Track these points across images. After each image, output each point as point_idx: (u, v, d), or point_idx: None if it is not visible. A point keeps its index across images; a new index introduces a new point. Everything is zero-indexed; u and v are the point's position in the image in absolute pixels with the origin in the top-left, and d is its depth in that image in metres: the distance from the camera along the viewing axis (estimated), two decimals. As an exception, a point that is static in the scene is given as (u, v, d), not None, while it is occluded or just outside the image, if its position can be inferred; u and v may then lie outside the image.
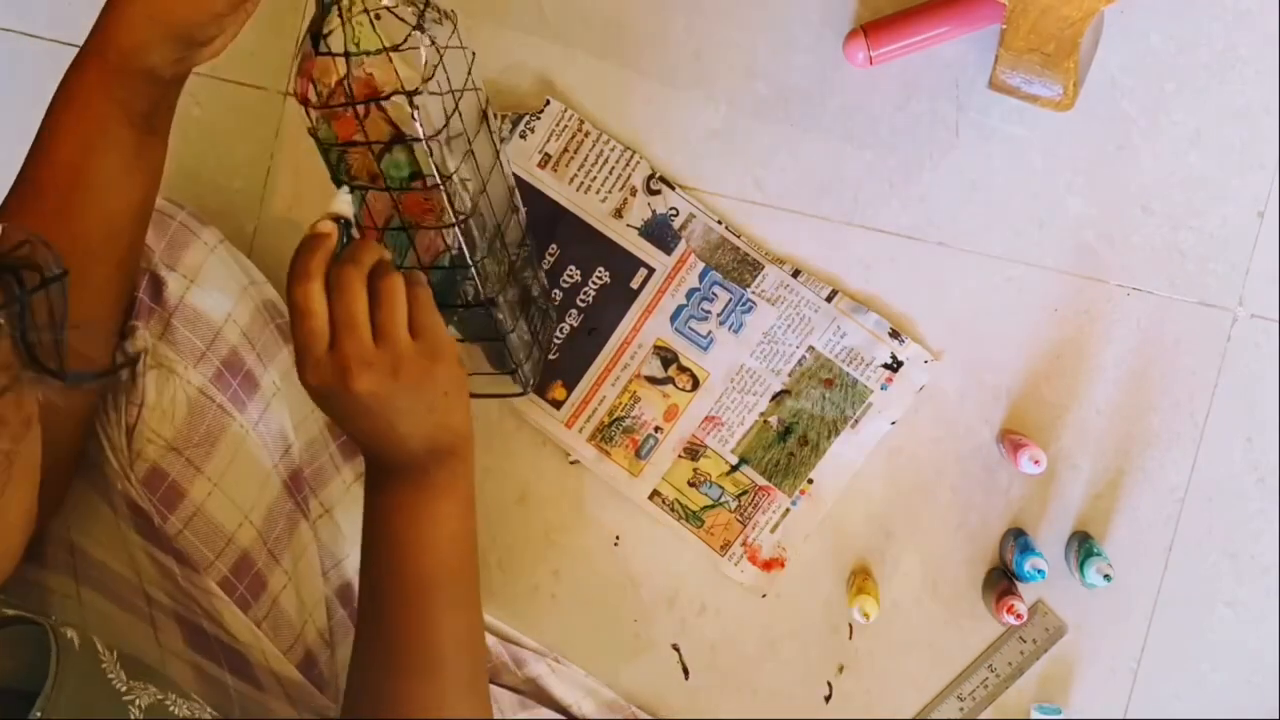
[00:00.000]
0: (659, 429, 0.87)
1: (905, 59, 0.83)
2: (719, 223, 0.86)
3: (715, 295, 0.86)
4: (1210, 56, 0.83)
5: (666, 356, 0.87)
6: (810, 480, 0.86)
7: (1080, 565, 0.81)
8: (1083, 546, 0.82)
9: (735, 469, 0.87)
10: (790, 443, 0.86)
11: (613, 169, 0.86)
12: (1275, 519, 0.84)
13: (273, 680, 0.71)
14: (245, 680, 0.71)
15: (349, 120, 0.63)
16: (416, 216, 0.68)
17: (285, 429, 0.72)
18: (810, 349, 0.86)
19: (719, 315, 0.86)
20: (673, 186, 0.86)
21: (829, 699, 0.88)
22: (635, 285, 0.87)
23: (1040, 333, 0.85)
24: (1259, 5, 0.82)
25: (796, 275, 0.86)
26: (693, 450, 0.87)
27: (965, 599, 0.86)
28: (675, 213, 0.86)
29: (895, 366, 0.85)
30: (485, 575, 0.70)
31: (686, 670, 0.89)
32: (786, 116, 0.86)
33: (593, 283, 0.87)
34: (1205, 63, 0.83)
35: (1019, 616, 0.79)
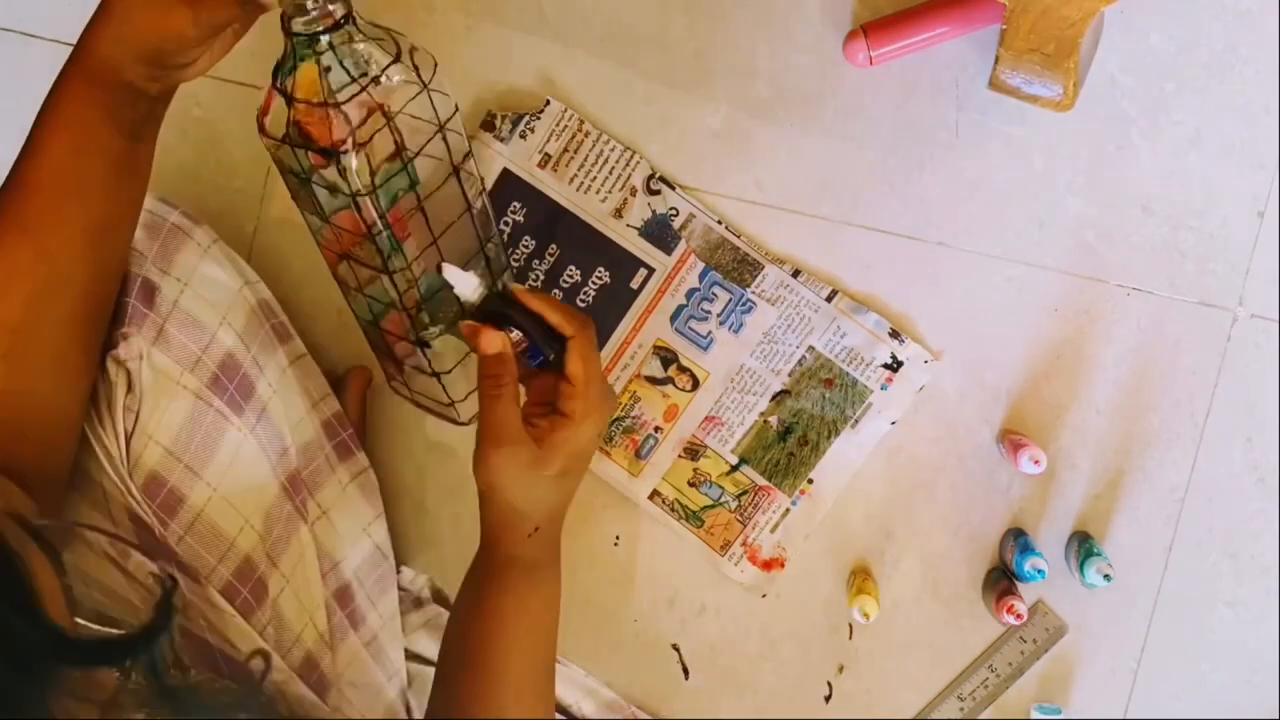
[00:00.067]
0: (659, 429, 0.87)
1: (905, 59, 0.83)
2: (719, 223, 0.86)
3: (715, 295, 0.86)
4: (1210, 56, 0.83)
5: (666, 356, 0.87)
6: (810, 480, 0.86)
7: (1080, 565, 0.81)
8: (1083, 546, 0.82)
9: (735, 469, 0.87)
10: (790, 443, 0.86)
11: (613, 169, 0.86)
12: (1275, 519, 0.84)
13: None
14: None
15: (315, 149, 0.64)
16: (348, 248, 0.70)
17: (282, 431, 0.72)
18: (810, 349, 0.86)
19: (719, 315, 0.86)
20: (673, 186, 0.86)
21: (829, 699, 0.88)
22: (635, 285, 0.87)
23: (1040, 333, 0.85)
24: (1259, 5, 0.82)
25: (796, 275, 0.86)
26: (693, 450, 0.87)
27: (965, 599, 0.86)
28: (675, 213, 0.86)
29: (895, 366, 0.85)
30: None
31: (686, 670, 0.89)
32: (786, 116, 0.86)
33: (592, 283, 0.87)
34: (1205, 63, 0.83)
35: (1019, 616, 0.79)
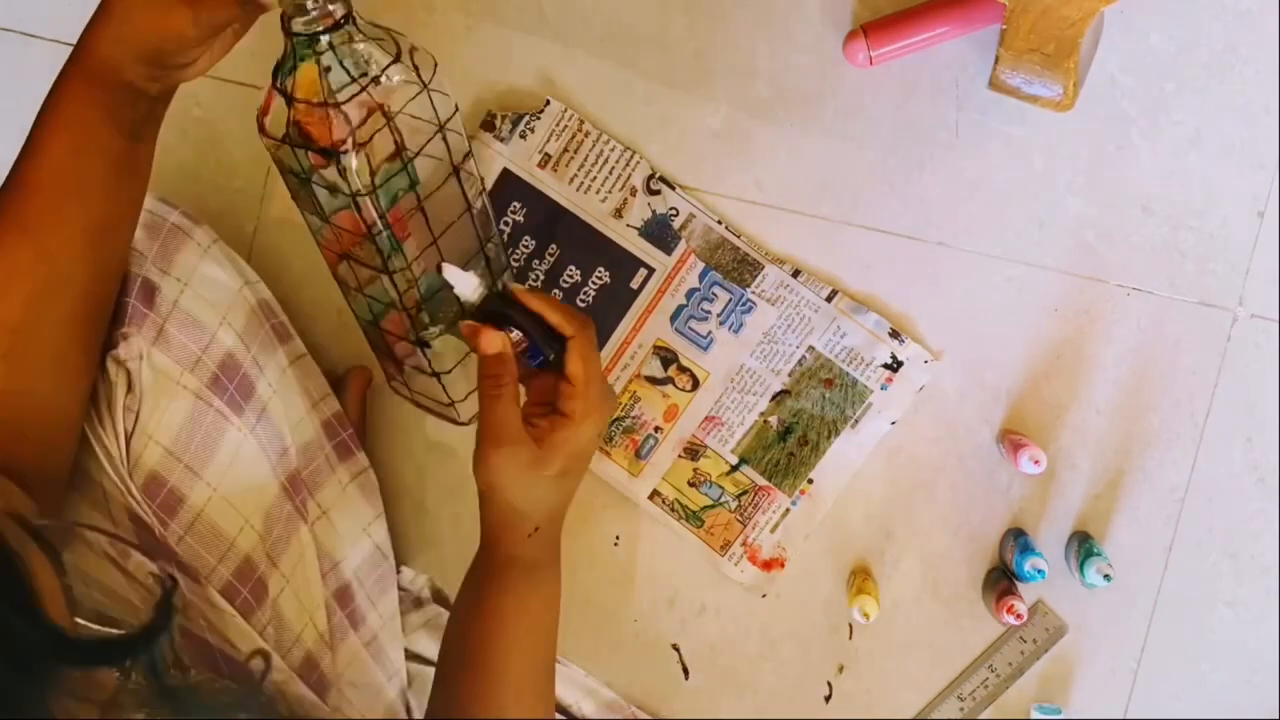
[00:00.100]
0: (659, 429, 0.87)
1: (905, 59, 0.83)
2: (719, 223, 0.86)
3: (715, 295, 0.86)
4: (1210, 56, 0.83)
5: (666, 356, 0.87)
6: (810, 480, 0.86)
7: (1080, 565, 0.81)
8: (1083, 546, 0.82)
9: (735, 469, 0.87)
10: (790, 443, 0.86)
11: (613, 169, 0.86)
12: (1275, 519, 0.84)
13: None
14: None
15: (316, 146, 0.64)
16: (348, 248, 0.70)
17: (282, 431, 0.72)
18: (810, 349, 0.86)
19: (719, 315, 0.86)
20: (673, 186, 0.86)
21: (829, 699, 0.88)
22: (635, 285, 0.87)
23: (1040, 333, 0.85)
24: (1259, 5, 0.82)
25: (796, 275, 0.86)
26: (693, 450, 0.87)
27: (965, 599, 0.86)
28: (675, 213, 0.86)
29: (895, 366, 0.85)
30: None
31: (686, 670, 0.89)
32: (786, 116, 0.86)
33: (593, 283, 0.87)
34: (1205, 63, 0.83)
35: (1019, 616, 0.79)
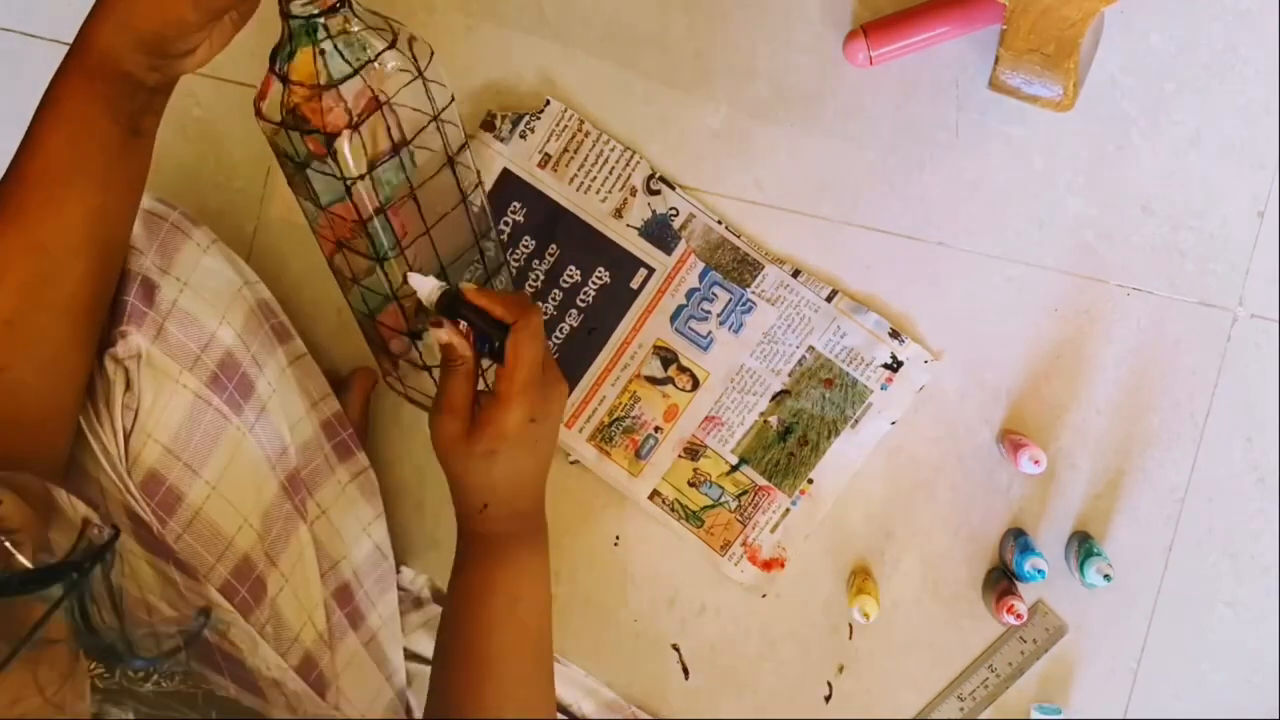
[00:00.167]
0: (659, 429, 0.87)
1: (905, 59, 0.83)
2: (719, 223, 0.86)
3: (715, 295, 0.86)
4: (1210, 56, 0.83)
5: (666, 356, 0.87)
6: (810, 480, 0.86)
7: (1080, 565, 0.81)
8: (1083, 546, 0.82)
9: (735, 469, 0.87)
10: (790, 443, 0.86)
11: (613, 169, 0.86)
12: (1275, 519, 0.84)
13: (274, 689, 0.71)
14: (246, 689, 0.71)
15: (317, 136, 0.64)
16: (344, 235, 0.70)
17: (281, 431, 0.72)
18: (810, 349, 0.86)
19: (719, 315, 0.86)
20: (673, 186, 0.86)
21: (829, 699, 0.88)
22: (635, 285, 0.87)
23: (1040, 333, 0.85)
24: (1259, 5, 0.82)
25: (796, 275, 0.86)
26: (693, 450, 0.87)
27: (965, 599, 0.86)
28: (675, 213, 0.86)
29: (895, 366, 0.85)
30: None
31: (686, 670, 0.89)
32: (786, 116, 0.86)
33: (592, 283, 0.87)
34: (1205, 63, 0.83)
35: (1019, 616, 0.79)
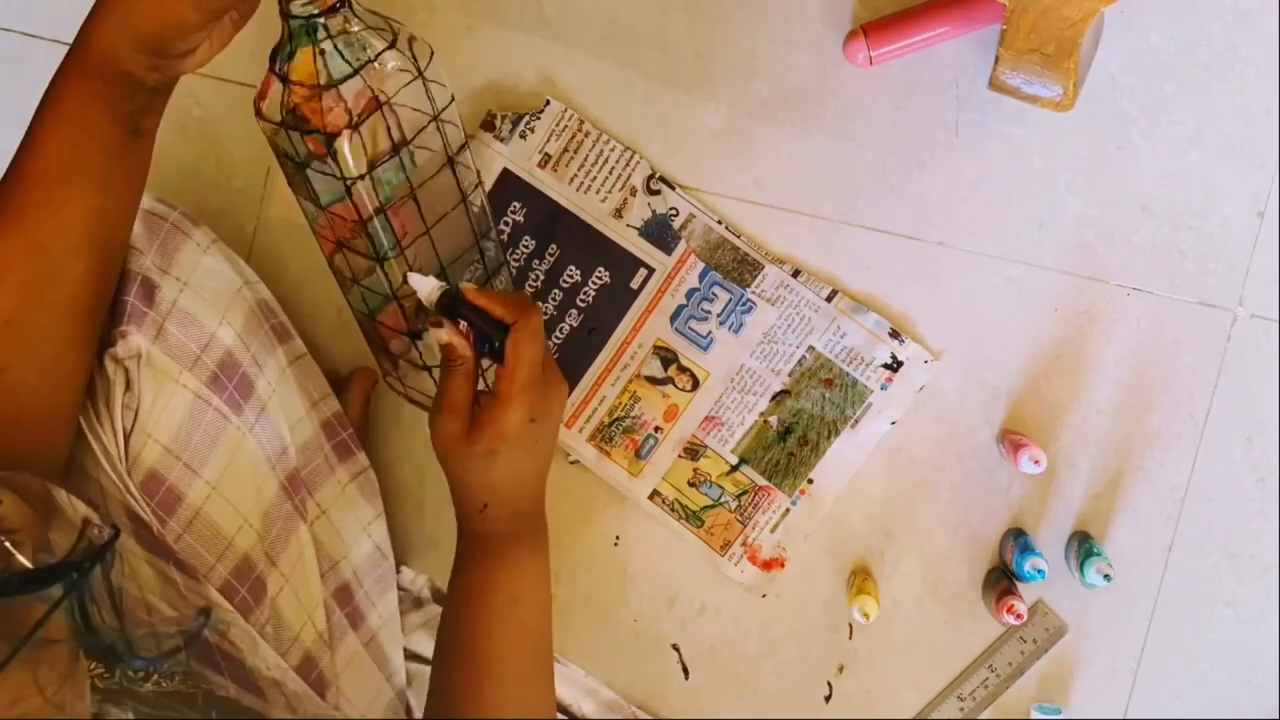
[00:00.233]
0: (659, 429, 0.87)
1: (905, 59, 0.83)
2: (719, 223, 0.86)
3: (715, 295, 0.86)
4: (1210, 56, 0.83)
5: (666, 356, 0.87)
6: (810, 480, 0.86)
7: (1080, 565, 0.81)
8: (1083, 546, 0.82)
9: (735, 469, 0.87)
10: (790, 443, 0.86)
11: (613, 169, 0.86)
12: (1275, 519, 0.84)
13: (274, 689, 0.71)
14: (246, 689, 0.71)
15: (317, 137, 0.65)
16: (344, 235, 0.70)
17: (281, 431, 0.72)
18: (810, 349, 0.86)
19: (719, 315, 0.86)
20: (673, 186, 0.86)
21: (829, 699, 0.88)
22: (635, 285, 0.87)
23: (1040, 333, 0.85)
24: (1259, 5, 0.82)
25: (796, 275, 0.86)
26: (693, 450, 0.87)
27: (965, 599, 0.86)
28: (675, 213, 0.86)
29: (895, 366, 0.85)
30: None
31: (686, 670, 0.89)
32: (786, 116, 0.86)
33: (592, 283, 0.87)
34: (1205, 63, 0.83)
35: (1019, 616, 0.79)
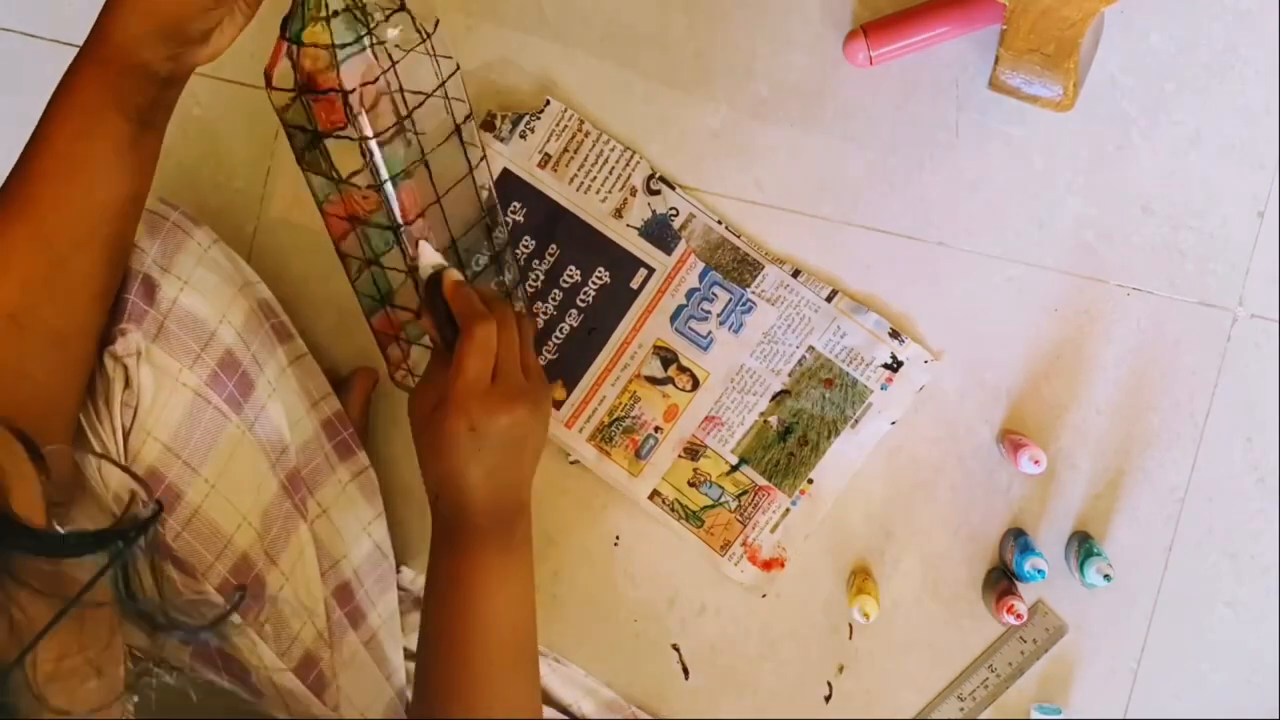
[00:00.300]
0: (659, 429, 0.87)
1: (905, 59, 0.83)
2: (719, 223, 0.86)
3: (715, 295, 0.86)
4: (1210, 56, 0.83)
5: (666, 356, 0.87)
6: (810, 480, 0.86)
7: (1080, 565, 0.81)
8: (1083, 546, 0.82)
9: (735, 469, 0.87)
10: (790, 443, 0.86)
11: (613, 169, 0.86)
12: (1275, 519, 0.84)
13: (271, 689, 0.71)
14: (244, 688, 0.71)
15: (329, 107, 0.65)
16: (359, 210, 0.71)
17: (281, 430, 0.72)
18: (810, 349, 0.86)
19: (719, 315, 0.86)
20: (673, 186, 0.86)
21: (829, 699, 0.88)
22: (635, 285, 0.87)
23: (1040, 333, 0.85)
24: (1259, 5, 0.82)
25: (796, 275, 0.86)
26: (693, 450, 0.87)
27: (965, 599, 0.86)
28: (675, 213, 0.86)
29: (895, 366, 0.85)
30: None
31: (686, 670, 0.89)
32: (786, 116, 0.86)
33: (592, 283, 0.87)
34: (1205, 63, 0.83)
35: (1019, 616, 0.79)
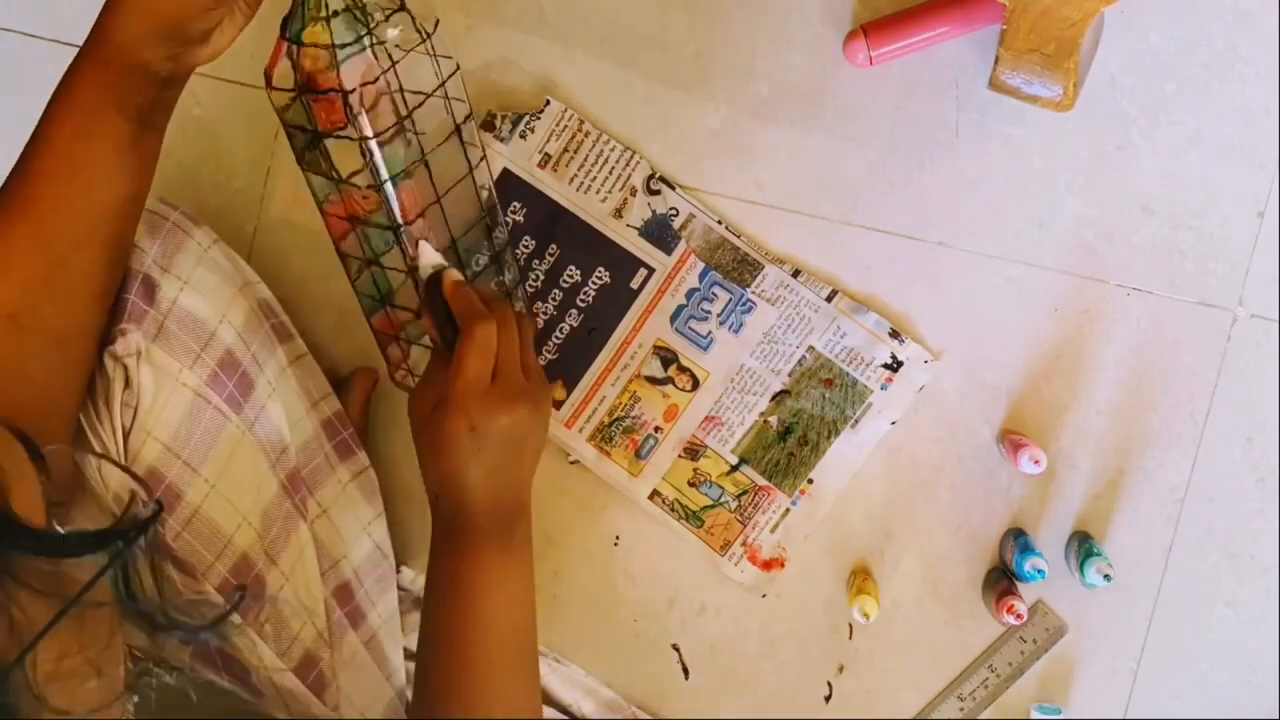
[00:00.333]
0: (659, 429, 0.87)
1: (905, 59, 0.83)
2: (719, 223, 0.86)
3: (715, 295, 0.86)
4: (1210, 56, 0.83)
5: (666, 356, 0.87)
6: (810, 480, 0.86)
7: (1080, 565, 0.81)
8: (1083, 546, 0.82)
9: (735, 469, 0.87)
10: (790, 443, 0.86)
11: (613, 169, 0.86)
12: (1275, 519, 0.84)
13: (271, 689, 0.71)
14: (244, 688, 0.71)
15: (329, 107, 0.65)
16: (359, 210, 0.71)
17: (281, 430, 0.72)
18: (810, 349, 0.86)
19: (719, 315, 0.86)
20: (673, 186, 0.86)
21: (829, 699, 0.88)
22: (635, 285, 0.87)
23: (1040, 333, 0.85)
24: (1259, 5, 0.82)
25: (796, 275, 0.86)
26: (693, 450, 0.87)
27: (965, 599, 0.86)
28: (675, 213, 0.86)
29: (895, 366, 0.85)
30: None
31: (686, 670, 0.89)
32: (786, 116, 0.86)
33: (593, 283, 0.87)
34: (1205, 63, 0.83)
35: (1019, 616, 0.79)
